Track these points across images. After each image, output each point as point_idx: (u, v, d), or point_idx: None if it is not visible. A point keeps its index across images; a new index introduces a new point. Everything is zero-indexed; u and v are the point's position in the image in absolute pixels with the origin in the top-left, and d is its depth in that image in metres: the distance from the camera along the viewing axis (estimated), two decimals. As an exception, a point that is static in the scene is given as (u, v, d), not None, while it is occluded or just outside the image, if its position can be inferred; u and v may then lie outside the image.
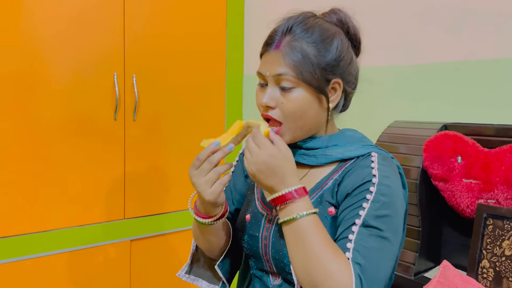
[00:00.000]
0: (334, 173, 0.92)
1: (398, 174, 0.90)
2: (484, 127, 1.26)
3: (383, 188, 0.83)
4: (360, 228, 0.80)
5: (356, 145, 0.93)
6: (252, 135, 0.84)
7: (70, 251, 1.66)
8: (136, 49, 1.77)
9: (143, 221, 1.84)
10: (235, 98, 2.12)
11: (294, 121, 0.89)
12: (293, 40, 0.88)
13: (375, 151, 0.90)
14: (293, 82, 0.87)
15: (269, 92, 0.89)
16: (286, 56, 0.87)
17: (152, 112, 1.84)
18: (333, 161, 0.93)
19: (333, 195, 0.89)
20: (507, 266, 1.07)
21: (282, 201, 0.81)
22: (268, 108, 0.90)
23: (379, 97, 1.60)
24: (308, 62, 0.87)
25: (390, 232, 0.82)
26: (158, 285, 1.89)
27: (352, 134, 0.96)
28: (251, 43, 2.13)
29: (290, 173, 0.82)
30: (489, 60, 1.34)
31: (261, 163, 0.81)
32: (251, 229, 0.97)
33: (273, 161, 0.81)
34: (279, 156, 0.82)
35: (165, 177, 1.90)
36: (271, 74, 0.89)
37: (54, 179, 1.62)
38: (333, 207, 0.89)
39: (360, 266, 0.77)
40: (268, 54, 0.91)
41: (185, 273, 1.06)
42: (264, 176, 0.82)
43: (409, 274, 1.28)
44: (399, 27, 1.56)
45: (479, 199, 1.19)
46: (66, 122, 1.63)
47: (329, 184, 0.91)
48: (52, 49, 1.59)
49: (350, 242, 0.79)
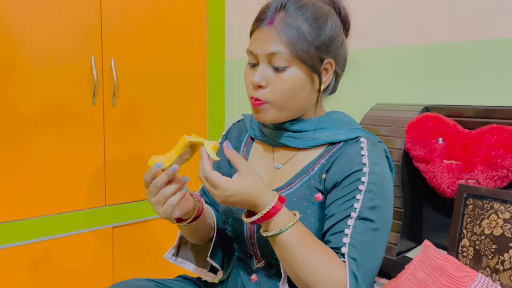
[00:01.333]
0: (322, 158, 0.91)
1: (386, 158, 0.90)
2: (464, 109, 1.28)
3: (374, 177, 0.83)
4: (355, 221, 0.80)
5: (344, 129, 0.92)
6: (201, 171, 0.79)
7: (51, 239, 1.64)
8: (114, 32, 1.72)
9: (125, 208, 1.82)
10: (217, 82, 2.09)
11: (284, 102, 0.88)
12: (288, 17, 0.85)
13: (364, 135, 0.90)
14: (287, 60, 0.85)
15: (260, 70, 0.87)
16: (281, 32, 0.84)
17: (131, 96, 1.80)
18: (320, 144, 0.92)
19: (320, 181, 0.89)
20: (486, 245, 1.09)
21: (263, 220, 0.79)
22: (259, 88, 0.88)
23: (362, 80, 1.60)
24: (304, 40, 0.85)
25: (382, 222, 0.83)
26: (141, 271, 1.88)
27: (339, 117, 0.96)
28: (232, 27, 2.10)
29: (260, 192, 0.78)
30: (470, 42, 1.35)
31: (225, 200, 0.78)
32: (235, 212, 0.96)
33: (235, 196, 0.77)
34: (238, 188, 0.77)
35: (146, 162, 1.87)
36: (264, 52, 0.86)
37: (33, 167, 1.58)
38: (320, 193, 0.89)
39: (356, 261, 0.78)
40: (261, 31, 0.87)
41: (171, 256, 1.04)
42: (237, 205, 0.79)
43: (391, 254, 1.30)
44: (381, 9, 1.55)
45: (459, 180, 1.21)
46: (43, 108, 1.59)
47: (316, 169, 0.90)
48: (26, 32, 1.53)
49: (346, 237, 0.80)
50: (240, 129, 1.08)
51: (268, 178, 0.96)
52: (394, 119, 1.36)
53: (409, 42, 1.49)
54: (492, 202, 1.11)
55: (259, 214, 0.78)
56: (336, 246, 0.81)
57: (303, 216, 0.87)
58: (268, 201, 0.78)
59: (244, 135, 1.06)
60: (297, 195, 0.89)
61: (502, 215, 1.08)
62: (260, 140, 1.00)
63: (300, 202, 0.89)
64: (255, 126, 1.02)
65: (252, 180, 0.78)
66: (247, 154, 1.03)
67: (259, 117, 0.91)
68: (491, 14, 1.30)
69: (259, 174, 0.81)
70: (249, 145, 1.04)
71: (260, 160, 1.00)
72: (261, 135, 0.99)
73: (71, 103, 1.64)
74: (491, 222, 1.10)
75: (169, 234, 1.89)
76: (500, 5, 1.28)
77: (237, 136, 1.07)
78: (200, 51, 2.02)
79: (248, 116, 1.07)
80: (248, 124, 1.05)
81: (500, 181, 1.16)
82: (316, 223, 0.87)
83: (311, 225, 0.87)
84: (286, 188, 0.91)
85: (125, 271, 1.84)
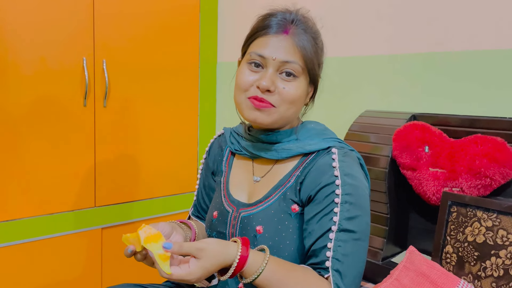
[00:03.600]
0: (296, 169, 0.93)
1: (359, 166, 0.92)
2: (450, 118, 1.30)
3: (347, 188, 0.85)
4: (336, 234, 0.82)
5: (316, 139, 0.94)
6: (164, 277, 0.77)
7: (40, 239, 1.63)
8: (106, 33, 1.73)
9: (114, 209, 1.82)
10: (209, 85, 2.11)
11: (288, 109, 0.90)
12: (301, 30, 0.90)
13: (336, 145, 0.91)
14: (298, 71, 0.89)
15: (269, 75, 0.89)
16: (298, 43, 0.88)
17: (123, 98, 1.81)
18: (294, 155, 0.94)
19: (296, 193, 0.91)
20: (469, 252, 1.12)
21: (237, 272, 0.79)
22: (265, 91, 0.89)
23: (351, 87, 1.62)
24: (313, 55, 0.90)
25: (361, 231, 0.85)
26: (130, 273, 1.89)
27: (313, 127, 0.97)
28: (225, 30, 2.11)
29: (221, 255, 0.77)
30: (457, 52, 1.38)
31: (197, 280, 0.77)
32: (218, 226, 0.98)
33: (204, 274, 0.76)
34: (200, 271, 0.76)
35: (136, 164, 1.88)
36: (279, 59, 0.88)
37: (23, 167, 1.58)
38: (296, 204, 0.90)
39: (340, 274, 0.80)
40: (274, 37, 0.89)
41: None
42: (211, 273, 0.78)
43: (377, 259, 1.32)
44: (371, 18, 1.58)
45: (444, 187, 1.24)
46: (34, 109, 1.58)
47: (292, 182, 0.92)
48: (18, 32, 1.53)
49: (329, 251, 0.81)
50: (220, 144, 1.10)
51: (248, 191, 0.98)
52: (382, 127, 1.38)
53: (398, 51, 1.51)
54: (475, 210, 1.14)
55: (230, 271, 0.78)
56: (319, 260, 0.83)
57: (281, 228, 0.89)
58: (233, 255, 0.78)
59: (225, 150, 1.08)
60: (275, 207, 0.91)
61: (485, 223, 1.11)
62: (240, 154, 1.02)
63: (278, 214, 0.90)
64: (234, 140, 1.04)
65: (207, 256, 0.76)
66: (229, 168, 1.05)
67: (257, 117, 0.90)
68: (479, 25, 1.33)
69: (211, 241, 0.79)
70: (231, 160, 1.06)
71: (240, 174, 1.01)
72: (240, 148, 1.01)
73: (62, 104, 1.64)
74: (474, 229, 1.13)
75: (158, 236, 1.89)
76: (487, 17, 1.31)
77: (218, 151, 1.09)
78: (193, 54, 2.03)
79: (228, 130, 1.08)
80: (228, 138, 1.06)
81: (483, 189, 1.19)
82: (294, 234, 0.89)
83: (289, 236, 0.88)
84: (265, 201, 0.93)
85: (114, 272, 1.84)
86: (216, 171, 1.08)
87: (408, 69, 1.49)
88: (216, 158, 1.08)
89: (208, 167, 1.10)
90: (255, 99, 0.89)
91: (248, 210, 0.94)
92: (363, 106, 1.57)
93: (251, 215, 0.92)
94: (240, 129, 1.04)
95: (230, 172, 1.04)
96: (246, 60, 0.93)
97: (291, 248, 0.88)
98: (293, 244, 0.88)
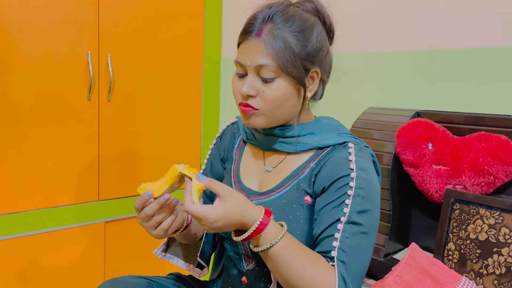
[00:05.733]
0: (311, 161, 0.93)
1: (373, 162, 0.92)
2: (454, 115, 1.30)
3: (361, 182, 0.85)
4: (345, 225, 0.83)
5: (332, 134, 0.94)
6: (185, 207, 0.79)
7: (43, 232, 1.64)
8: (111, 27, 1.73)
9: (118, 203, 1.83)
10: (212, 80, 2.11)
11: (273, 110, 0.90)
12: (275, 29, 0.87)
13: (352, 141, 0.92)
14: (274, 72, 0.87)
15: (249, 80, 0.89)
16: (268, 45, 0.86)
17: (127, 92, 1.81)
18: (310, 148, 0.94)
19: (310, 185, 0.91)
20: (471, 249, 1.12)
21: (253, 237, 0.80)
22: (248, 97, 0.90)
23: (355, 84, 1.62)
24: (290, 52, 0.87)
25: (370, 226, 0.85)
26: (133, 267, 1.90)
27: (328, 122, 0.98)
28: (229, 26, 2.11)
29: (244, 210, 0.79)
30: (461, 50, 1.37)
31: (211, 227, 0.79)
32: None
33: (220, 221, 0.78)
34: (221, 213, 0.77)
35: (140, 158, 1.89)
36: (252, 64, 0.88)
37: (27, 160, 1.59)
38: (309, 196, 0.91)
39: (345, 264, 0.80)
40: (249, 42, 0.90)
41: (161, 251, 1.06)
42: (224, 228, 0.80)
43: (379, 256, 1.32)
44: (375, 14, 1.57)
45: (447, 185, 1.24)
46: (38, 102, 1.59)
47: (306, 173, 0.92)
48: (23, 26, 1.53)
49: (336, 241, 0.82)
50: (233, 131, 1.10)
51: (259, 181, 0.99)
52: (385, 123, 1.38)
53: (403, 48, 1.51)
54: (478, 207, 1.14)
55: (248, 232, 0.79)
56: (326, 249, 0.83)
57: (292, 218, 0.90)
58: (255, 217, 0.79)
59: (237, 138, 1.08)
60: (287, 197, 0.92)
61: (488, 220, 1.11)
62: (252, 144, 1.02)
63: (289, 204, 0.91)
64: (247, 129, 1.04)
65: (233, 200, 0.78)
66: (239, 156, 1.05)
67: (248, 123, 0.93)
68: (484, 23, 1.33)
69: (240, 193, 0.81)
70: (242, 148, 1.06)
71: (251, 163, 1.02)
72: (253, 139, 1.02)
73: (66, 98, 1.65)
74: (477, 227, 1.13)
75: (161, 230, 1.90)
76: (492, 14, 1.31)
77: (230, 138, 1.09)
78: (197, 49, 2.03)
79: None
80: (241, 127, 1.07)
81: (486, 187, 1.19)
82: (305, 225, 0.90)
83: (300, 227, 0.89)
84: (277, 191, 0.94)
85: (116, 266, 1.85)
86: (226, 158, 1.09)
87: (413, 66, 1.48)
88: (228, 145, 1.08)
89: (218, 153, 1.10)
90: (242, 105, 0.91)
91: (259, 199, 0.94)
92: (367, 102, 1.57)
93: (262, 204, 0.92)
94: None
95: (241, 160, 1.04)
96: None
97: (301, 239, 0.88)
98: (303, 235, 0.89)
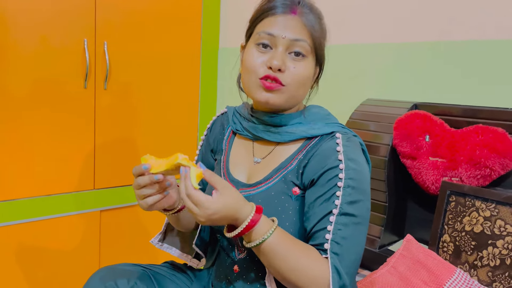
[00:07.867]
0: (299, 153, 0.93)
1: (362, 151, 0.92)
2: (452, 108, 1.30)
3: (351, 172, 0.85)
4: (337, 217, 0.83)
5: (320, 123, 0.94)
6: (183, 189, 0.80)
7: (38, 220, 1.64)
8: (107, 15, 1.71)
9: (113, 192, 1.82)
10: (210, 70, 2.09)
11: (297, 88, 0.91)
12: (307, 12, 0.91)
13: (339, 130, 0.91)
14: (306, 50, 0.90)
15: (280, 54, 0.89)
16: (307, 23, 0.89)
17: (124, 80, 1.80)
18: (297, 138, 0.94)
19: (298, 177, 0.91)
20: (466, 241, 1.13)
21: (245, 233, 0.81)
22: (278, 70, 0.88)
23: (353, 75, 1.61)
24: (320, 35, 0.91)
25: (362, 216, 0.85)
26: (127, 256, 1.90)
27: (317, 111, 0.98)
28: (227, 16, 2.09)
29: (239, 206, 0.80)
30: (461, 42, 1.37)
31: (208, 218, 0.79)
32: None
33: (217, 214, 0.78)
34: (219, 206, 0.78)
35: (136, 147, 1.88)
36: (289, 37, 0.89)
37: (22, 148, 1.58)
38: (297, 187, 0.91)
39: (338, 256, 0.81)
40: (282, 17, 0.90)
41: (158, 241, 1.06)
42: (218, 222, 0.80)
43: (374, 247, 1.33)
44: (374, 5, 1.56)
45: (443, 177, 1.24)
46: (34, 90, 1.58)
47: (294, 165, 0.92)
48: (19, 12, 1.51)
49: (328, 233, 0.82)
50: (223, 122, 1.09)
51: (247, 172, 0.98)
52: (383, 115, 1.38)
53: (401, 40, 1.50)
54: (474, 200, 1.14)
55: (239, 228, 0.80)
56: (319, 242, 0.83)
57: (281, 209, 0.89)
58: (247, 213, 0.80)
59: (227, 129, 1.07)
60: (275, 189, 0.91)
61: (483, 213, 1.12)
62: (241, 134, 1.02)
63: (278, 196, 0.91)
64: (236, 120, 1.03)
65: (230, 196, 0.80)
66: (229, 147, 1.04)
67: (269, 98, 0.90)
68: (482, 15, 1.32)
69: (236, 189, 0.82)
70: (231, 139, 1.05)
71: (241, 154, 1.01)
72: (241, 129, 1.01)
73: (62, 86, 1.63)
74: (472, 219, 1.13)
75: (156, 220, 1.90)
76: (492, 7, 1.30)
77: (220, 129, 1.09)
78: (195, 39, 2.01)
79: (231, 109, 1.08)
80: (230, 117, 1.06)
81: (483, 180, 1.19)
82: (294, 216, 0.89)
83: (289, 218, 0.89)
84: (265, 183, 0.93)
85: (111, 255, 1.85)
86: (216, 149, 1.08)
87: (411, 58, 1.48)
88: (217, 136, 1.08)
89: (209, 144, 1.10)
90: (268, 77, 0.88)
91: (247, 191, 0.94)
92: (365, 94, 1.56)
93: (251, 196, 0.92)
94: (243, 110, 1.03)
95: (230, 151, 1.03)
96: (253, 42, 0.92)
97: (290, 230, 0.88)
98: (293, 226, 0.88)
